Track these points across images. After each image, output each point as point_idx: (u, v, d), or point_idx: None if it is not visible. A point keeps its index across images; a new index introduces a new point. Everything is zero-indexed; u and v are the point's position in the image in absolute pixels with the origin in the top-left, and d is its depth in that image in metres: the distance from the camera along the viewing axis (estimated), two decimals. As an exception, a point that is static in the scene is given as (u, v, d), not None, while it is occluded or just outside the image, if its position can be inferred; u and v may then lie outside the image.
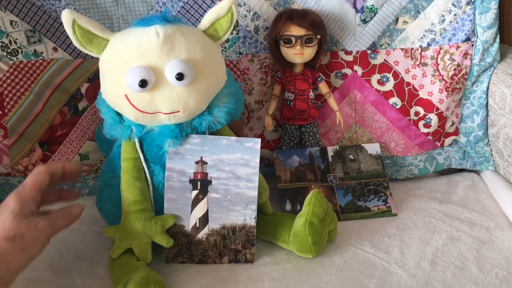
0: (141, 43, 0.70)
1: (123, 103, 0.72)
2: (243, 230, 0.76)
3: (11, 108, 0.90)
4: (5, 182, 0.95)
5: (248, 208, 0.76)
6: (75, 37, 0.72)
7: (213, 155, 0.75)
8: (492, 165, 1.01)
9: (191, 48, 0.72)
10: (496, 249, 0.80)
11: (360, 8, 0.95)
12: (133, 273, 0.69)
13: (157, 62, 0.70)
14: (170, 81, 0.70)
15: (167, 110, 0.72)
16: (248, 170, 0.76)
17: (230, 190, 0.76)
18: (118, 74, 0.71)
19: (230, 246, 0.77)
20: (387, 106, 1.00)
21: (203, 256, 0.77)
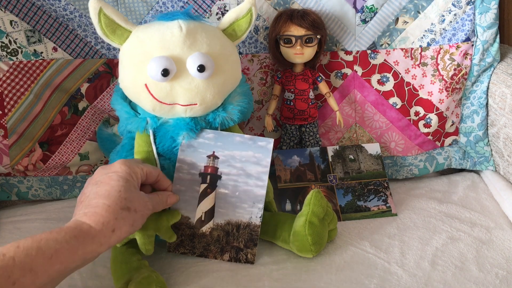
0: (164, 35, 0.72)
1: (142, 93, 0.73)
2: (247, 229, 0.77)
3: (11, 108, 0.90)
4: (5, 182, 0.95)
5: (255, 206, 0.76)
6: (100, 26, 0.73)
7: (226, 150, 0.76)
8: (492, 165, 1.01)
9: (211, 43, 0.74)
10: (496, 249, 0.80)
11: (360, 8, 0.95)
12: (135, 273, 0.69)
13: (179, 53, 0.72)
14: (191, 72, 0.72)
15: (185, 101, 0.73)
16: (259, 168, 0.76)
17: (239, 187, 0.76)
18: (139, 63, 0.72)
19: (232, 243, 0.77)
20: (387, 106, 1.00)
21: (204, 249, 0.77)
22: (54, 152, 0.95)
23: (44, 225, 0.86)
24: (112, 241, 0.59)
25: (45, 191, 0.97)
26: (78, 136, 0.96)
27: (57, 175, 0.97)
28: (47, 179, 0.96)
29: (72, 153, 0.96)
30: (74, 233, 0.56)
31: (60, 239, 0.55)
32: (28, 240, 0.53)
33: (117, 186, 0.62)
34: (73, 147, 0.96)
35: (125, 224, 0.61)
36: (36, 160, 0.94)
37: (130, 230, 0.62)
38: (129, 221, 0.61)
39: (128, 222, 0.61)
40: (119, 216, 0.60)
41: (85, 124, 0.96)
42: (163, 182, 0.73)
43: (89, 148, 0.97)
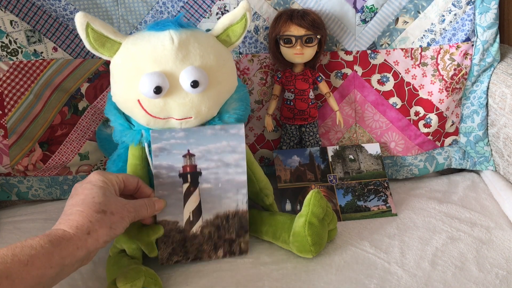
0: (156, 48, 0.70)
1: (135, 108, 0.72)
2: (236, 217, 0.77)
3: (11, 108, 0.90)
4: (5, 182, 0.95)
5: (239, 193, 0.76)
6: (88, 40, 0.71)
7: (200, 146, 0.75)
8: (492, 165, 1.01)
9: (205, 54, 0.72)
10: (496, 249, 0.80)
11: (360, 8, 0.95)
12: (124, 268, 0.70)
13: (171, 68, 0.70)
14: (185, 88, 0.70)
15: (180, 116, 0.72)
16: (236, 156, 0.76)
17: (221, 178, 0.76)
18: (131, 79, 0.71)
19: (224, 236, 0.77)
20: (387, 106, 1.00)
21: (198, 251, 0.76)
22: (54, 152, 0.95)
23: (44, 225, 0.86)
24: (89, 244, 0.59)
25: (45, 191, 0.97)
26: (78, 136, 0.96)
27: (57, 175, 0.97)
28: (47, 179, 0.96)
29: (72, 153, 0.96)
30: (48, 239, 0.56)
31: (34, 245, 0.55)
32: (3, 249, 0.53)
33: (90, 194, 0.62)
34: (73, 147, 0.96)
35: (102, 227, 0.60)
36: (36, 160, 0.94)
37: (109, 233, 0.61)
38: (105, 223, 0.61)
39: (105, 224, 0.61)
40: (94, 219, 0.60)
41: (85, 124, 0.96)
42: (144, 190, 0.73)
43: (89, 148, 0.97)
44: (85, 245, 0.59)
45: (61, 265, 0.56)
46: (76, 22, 0.70)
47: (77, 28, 0.70)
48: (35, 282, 0.53)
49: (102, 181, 0.65)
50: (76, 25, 0.70)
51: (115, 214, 0.63)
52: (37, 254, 0.54)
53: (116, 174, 0.69)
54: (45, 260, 0.54)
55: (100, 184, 0.64)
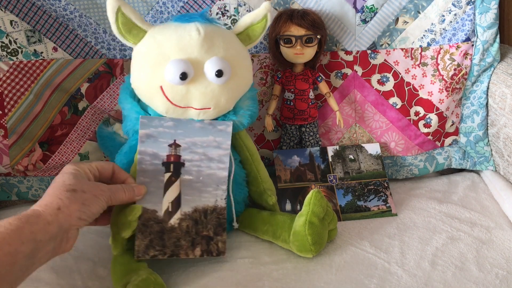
0: (182, 37, 0.72)
1: (156, 95, 0.73)
2: (214, 213, 0.76)
3: (11, 108, 0.90)
4: (5, 182, 0.95)
5: (219, 188, 0.76)
6: (116, 24, 0.72)
7: (187, 138, 0.76)
8: (492, 165, 1.01)
9: (228, 48, 0.74)
10: (496, 249, 0.80)
11: (360, 8, 0.95)
12: (133, 275, 0.69)
13: (197, 57, 0.72)
14: (209, 77, 0.72)
15: (199, 105, 0.73)
16: (220, 151, 0.76)
17: (202, 172, 0.76)
18: (156, 65, 0.72)
19: (202, 232, 0.75)
20: (387, 106, 1.00)
21: (175, 247, 0.74)
22: (54, 152, 0.95)
23: (44, 225, 0.86)
24: (61, 218, 0.59)
25: (45, 191, 0.96)
26: (78, 136, 0.96)
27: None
28: (47, 179, 0.96)
29: (72, 153, 0.96)
30: (17, 217, 0.56)
31: (3, 223, 0.55)
32: None
33: (61, 179, 0.63)
34: (73, 147, 0.96)
35: (73, 202, 0.60)
36: (36, 160, 0.94)
37: (82, 209, 0.61)
38: (77, 199, 0.61)
39: (77, 200, 0.61)
40: (63, 197, 0.60)
41: (85, 124, 0.96)
42: (120, 174, 0.72)
43: (89, 148, 0.97)
44: (56, 220, 0.58)
45: (33, 241, 0.55)
46: (108, 5, 0.71)
47: (108, 11, 0.72)
48: (8, 260, 0.53)
49: (73, 169, 0.65)
50: (107, 8, 0.72)
51: (86, 192, 0.63)
52: (6, 231, 0.54)
53: (89, 163, 0.69)
54: (14, 235, 0.54)
55: (71, 171, 0.64)
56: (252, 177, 0.84)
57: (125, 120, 0.79)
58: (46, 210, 0.59)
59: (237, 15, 0.92)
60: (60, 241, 0.60)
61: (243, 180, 0.84)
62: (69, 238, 0.61)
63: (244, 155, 0.84)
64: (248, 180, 0.85)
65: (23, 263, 0.55)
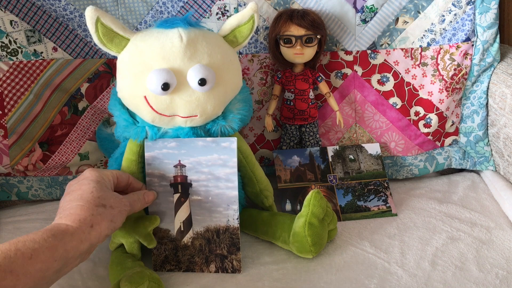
0: (164, 45, 0.70)
1: (141, 104, 0.72)
2: (227, 233, 0.76)
3: (11, 108, 0.90)
4: (5, 182, 0.95)
5: (230, 208, 0.76)
6: (97, 35, 0.71)
7: (191, 157, 0.76)
8: (492, 165, 1.01)
9: (212, 53, 0.72)
10: (496, 249, 0.80)
11: (360, 8, 0.95)
12: (128, 271, 0.69)
13: (179, 65, 0.70)
14: (192, 85, 0.71)
15: (185, 113, 0.72)
16: (227, 170, 0.76)
17: (211, 192, 0.76)
18: (138, 75, 0.71)
19: (215, 250, 0.76)
20: (387, 106, 1.00)
21: (190, 263, 0.76)
22: (54, 152, 0.95)
23: (44, 225, 0.84)
24: (92, 237, 0.59)
25: (45, 191, 0.97)
26: (78, 136, 0.96)
27: (57, 175, 0.97)
28: (47, 179, 0.96)
29: (72, 153, 0.96)
30: (52, 232, 0.56)
31: (38, 239, 0.55)
32: (6, 244, 0.53)
33: (88, 189, 0.63)
34: (73, 147, 0.96)
35: (103, 220, 0.61)
36: (36, 160, 0.94)
37: (111, 226, 0.62)
38: (107, 216, 0.62)
39: (106, 217, 0.61)
40: (96, 213, 0.61)
41: (85, 124, 0.96)
42: (135, 184, 0.74)
43: (89, 148, 0.97)
44: (88, 238, 0.59)
45: (65, 258, 0.56)
46: (86, 16, 0.70)
47: (87, 22, 0.70)
48: (39, 276, 0.53)
49: (98, 176, 0.65)
50: (86, 18, 0.70)
51: (114, 208, 0.63)
52: (41, 248, 0.54)
53: (110, 170, 0.69)
54: (49, 253, 0.54)
55: (97, 179, 0.65)
56: (247, 179, 0.84)
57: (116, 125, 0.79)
58: (80, 228, 0.59)
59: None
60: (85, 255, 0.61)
61: (239, 182, 0.83)
62: (91, 252, 0.62)
63: (238, 158, 0.83)
64: (244, 181, 0.84)
65: (51, 277, 0.56)
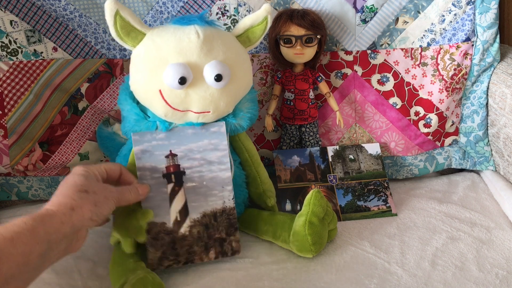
0: (181, 40, 0.71)
1: (155, 98, 0.73)
2: (224, 214, 0.76)
3: (11, 108, 0.90)
4: (5, 182, 0.95)
5: (225, 190, 0.76)
6: (115, 28, 0.72)
7: (182, 146, 0.75)
8: (492, 165, 1.01)
9: (227, 51, 0.74)
10: (496, 249, 0.80)
11: (360, 8, 0.95)
12: (131, 274, 0.69)
13: (196, 60, 0.71)
14: (208, 81, 0.72)
15: (199, 109, 0.73)
16: (218, 153, 0.76)
17: (205, 176, 0.76)
18: (154, 69, 0.72)
19: (214, 235, 0.76)
20: (387, 106, 1.00)
21: (189, 254, 0.75)
22: (54, 152, 0.95)
23: (44, 225, 0.86)
24: (74, 219, 0.59)
25: (45, 191, 0.96)
26: (78, 136, 0.96)
27: (57, 175, 0.97)
28: (47, 179, 0.96)
29: (72, 153, 0.96)
30: (32, 216, 0.56)
31: (18, 222, 0.55)
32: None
33: (72, 181, 0.63)
34: (73, 147, 0.96)
35: (85, 203, 0.61)
36: (36, 160, 0.94)
37: (94, 210, 0.62)
38: (89, 200, 0.61)
39: (89, 201, 0.61)
40: (76, 197, 0.61)
41: (85, 124, 0.96)
42: (126, 176, 0.72)
43: (89, 148, 0.97)
44: (69, 220, 0.58)
45: (47, 241, 0.55)
46: (106, 8, 0.71)
47: (106, 14, 0.71)
48: (22, 260, 0.53)
49: (83, 170, 0.65)
50: (106, 11, 0.71)
51: (98, 194, 0.63)
52: (22, 231, 0.54)
53: (98, 164, 0.69)
54: (30, 235, 0.54)
55: (81, 173, 0.65)
56: (252, 179, 0.84)
57: (124, 121, 0.79)
58: (60, 210, 0.59)
59: (237, 15, 0.92)
60: (71, 241, 0.60)
61: (243, 181, 0.84)
62: (79, 238, 0.62)
63: (244, 157, 0.84)
64: (247, 181, 0.85)
65: (36, 263, 0.55)
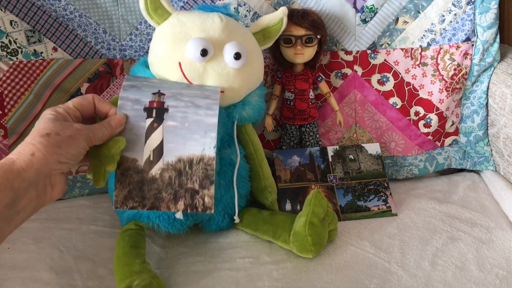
0: (205, 21, 0.77)
1: (173, 71, 0.76)
2: (201, 163, 0.69)
3: (11, 108, 0.90)
4: (5, 182, 0.95)
5: (207, 136, 0.69)
6: (145, 1, 0.77)
7: (172, 89, 0.72)
8: (492, 165, 1.01)
9: (245, 38, 0.80)
10: (496, 249, 0.80)
11: (360, 8, 0.95)
12: (136, 278, 0.68)
13: (217, 38, 0.76)
14: (226, 58, 0.76)
15: None
16: (208, 101, 0.71)
17: (188, 117, 0.70)
18: (177, 41, 0.76)
19: (186, 184, 0.69)
20: (387, 106, 1.00)
21: (156, 199, 0.69)
22: (54, 152, 0.95)
23: (44, 225, 0.86)
24: (36, 164, 0.57)
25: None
26: (78, 136, 0.95)
27: (57, 175, 0.97)
28: (47, 179, 0.96)
29: (72, 153, 0.96)
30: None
31: None
32: None
33: (37, 126, 0.62)
34: (73, 147, 0.95)
35: (47, 147, 0.59)
36: (36, 160, 0.94)
37: (59, 151, 0.60)
38: (51, 143, 0.60)
39: (51, 144, 0.59)
40: (36, 142, 0.59)
41: (85, 124, 0.96)
42: (101, 106, 0.68)
43: (70, 98, 0.96)
44: (30, 165, 0.57)
45: (10, 189, 0.54)
46: None
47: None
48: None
49: (50, 114, 0.63)
50: None
51: (61, 134, 0.61)
52: None
53: (66, 103, 0.66)
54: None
55: (47, 116, 0.63)
56: (255, 173, 0.85)
57: None
58: (20, 157, 0.57)
59: (237, 15, 0.92)
60: (44, 188, 0.59)
61: (247, 173, 0.85)
62: (54, 184, 0.60)
63: (249, 150, 0.85)
64: (250, 175, 0.85)
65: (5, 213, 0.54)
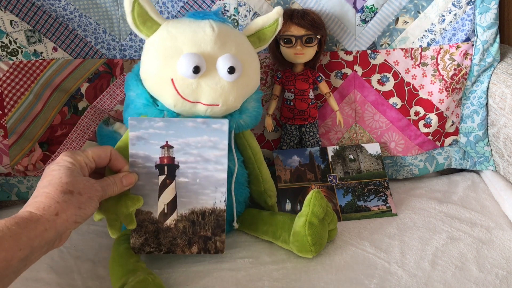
0: (196, 32, 0.74)
1: (166, 87, 0.73)
2: (213, 215, 0.74)
3: (11, 108, 0.90)
4: (5, 182, 0.95)
5: (218, 191, 0.74)
6: (132, 14, 0.74)
7: (179, 138, 0.73)
8: (492, 165, 1.01)
9: (239, 47, 0.76)
10: (496, 249, 0.80)
11: (360, 8, 0.95)
12: (131, 275, 0.68)
13: (210, 52, 0.73)
14: (220, 72, 0.73)
15: (208, 101, 0.74)
16: (217, 152, 0.74)
17: (199, 174, 0.74)
18: (168, 58, 0.73)
19: (199, 232, 0.74)
20: (387, 106, 1.00)
21: (171, 245, 0.74)
22: (54, 152, 0.95)
23: (44, 225, 0.86)
24: (58, 225, 0.58)
25: (44, 191, 0.96)
26: (78, 136, 0.96)
27: (57, 175, 0.97)
28: (47, 179, 0.96)
29: (72, 153, 0.96)
30: (15, 220, 0.55)
31: (1, 226, 0.54)
32: None
33: (57, 175, 0.62)
34: (73, 147, 0.96)
35: (70, 207, 0.60)
36: (36, 160, 0.94)
37: (79, 213, 0.60)
38: (73, 203, 0.60)
39: (73, 204, 0.60)
40: (61, 200, 0.59)
41: (85, 124, 0.96)
42: (117, 162, 0.70)
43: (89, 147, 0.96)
44: (53, 226, 0.57)
45: (29, 247, 0.55)
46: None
47: (125, 1, 0.73)
48: (3, 265, 0.52)
49: (69, 162, 0.64)
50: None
51: (82, 194, 0.62)
52: (4, 236, 0.53)
53: (86, 152, 0.67)
54: (12, 242, 0.53)
55: (67, 165, 0.63)
56: (254, 177, 0.85)
57: (128, 108, 0.78)
58: (44, 215, 0.57)
59: (237, 15, 0.92)
60: (53, 243, 0.59)
61: (245, 180, 0.84)
62: (62, 239, 0.61)
63: (247, 154, 0.84)
64: (249, 179, 0.85)
65: (17, 266, 0.54)
